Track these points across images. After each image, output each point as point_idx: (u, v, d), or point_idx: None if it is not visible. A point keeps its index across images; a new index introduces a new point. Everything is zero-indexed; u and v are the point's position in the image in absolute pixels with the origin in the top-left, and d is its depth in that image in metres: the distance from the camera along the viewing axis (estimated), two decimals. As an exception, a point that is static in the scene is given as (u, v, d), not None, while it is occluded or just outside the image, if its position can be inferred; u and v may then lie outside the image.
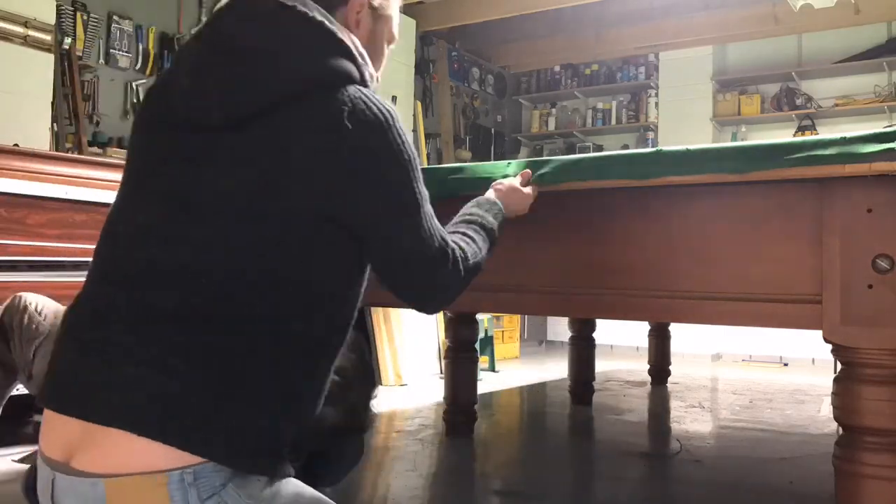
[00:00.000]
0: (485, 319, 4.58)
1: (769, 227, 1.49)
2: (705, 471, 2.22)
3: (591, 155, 1.69)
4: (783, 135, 5.94)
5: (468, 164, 1.82)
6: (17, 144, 2.61)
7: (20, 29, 3.19)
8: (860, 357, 1.36)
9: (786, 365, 5.39)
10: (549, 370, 4.81)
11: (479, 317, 3.05)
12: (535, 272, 1.76)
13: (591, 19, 6.15)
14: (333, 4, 1.11)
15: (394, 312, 4.16)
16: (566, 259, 1.74)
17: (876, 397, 1.33)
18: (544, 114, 7.31)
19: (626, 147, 6.58)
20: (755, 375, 4.73)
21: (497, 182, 1.52)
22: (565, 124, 7.16)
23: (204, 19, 4.59)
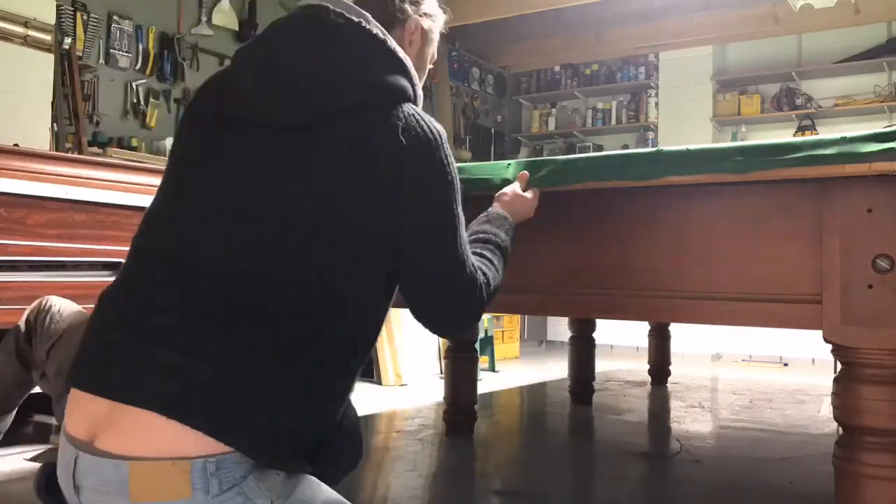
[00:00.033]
0: (485, 319, 4.57)
1: (769, 227, 1.49)
2: (705, 471, 2.22)
3: (591, 155, 1.69)
4: (783, 135, 5.93)
5: (468, 164, 1.82)
6: (17, 144, 2.61)
7: (20, 29, 3.19)
8: (860, 357, 1.36)
9: (786, 365, 5.39)
10: (549, 370, 4.81)
11: (479, 317, 3.04)
12: (536, 272, 1.76)
13: (591, 19, 6.14)
14: (392, 24, 1.17)
15: (394, 312, 4.16)
16: (566, 259, 1.74)
17: (876, 397, 1.33)
18: (544, 114, 7.31)
19: (626, 147, 6.58)
20: (755, 375, 4.73)
21: (500, 193, 1.52)
22: (565, 124, 7.16)
23: (204, 19, 4.60)
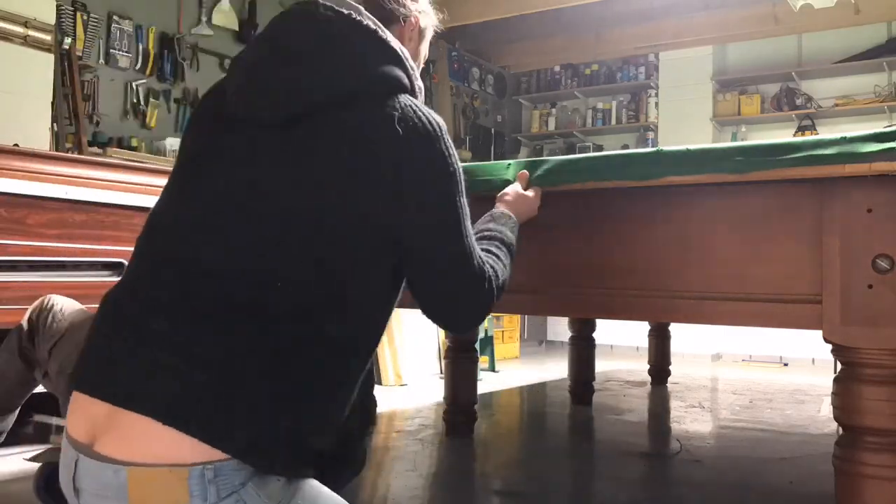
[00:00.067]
0: (485, 319, 4.56)
1: (769, 227, 1.49)
2: (705, 471, 2.22)
3: (591, 155, 1.69)
4: (783, 135, 5.93)
5: (468, 164, 1.81)
6: (17, 144, 2.61)
7: (20, 29, 3.19)
8: (860, 357, 1.36)
9: (786, 365, 5.39)
10: (549, 370, 4.81)
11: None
12: (536, 272, 1.76)
13: (591, 19, 6.15)
14: (391, 21, 1.16)
15: (394, 312, 4.15)
16: (566, 259, 1.74)
17: (876, 397, 1.33)
18: (544, 114, 7.31)
19: (626, 147, 6.58)
20: (755, 375, 4.73)
21: (502, 193, 1.52)
22: (565, 124, 7.16)
23: (204, 19, 4.60)
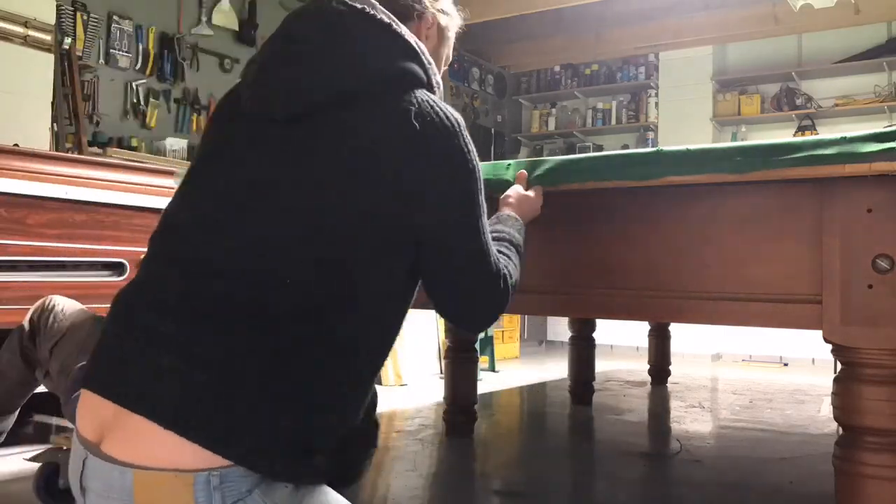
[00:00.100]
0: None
1: (769, 227, 1.49)
2: (705, 471, 2.22)
3: (591, 155, 1.69)
4: (783, 135, 5.94)
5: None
6: (17, 144, 2.61)
7: (20, 29, 3.19)
8: (860, 357, 1.36)
9: (786, 365, 5.39)
10: (549, 370, 4.81)
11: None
12: (536, 272, 1.76)
13: (591, 19, 6.15)
14: (407, 17, 1.14)
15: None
16: (566, 259, 1.74)
17: (876, 397, 1.33)
18: (544, 114, 7.31)
19: (626, 147, 6.58)
20: (755, 375, 4.73)
21: (504, 196, 1.51)
22: (565, 124, 7.16)
23: (204, 19, 4.60)
